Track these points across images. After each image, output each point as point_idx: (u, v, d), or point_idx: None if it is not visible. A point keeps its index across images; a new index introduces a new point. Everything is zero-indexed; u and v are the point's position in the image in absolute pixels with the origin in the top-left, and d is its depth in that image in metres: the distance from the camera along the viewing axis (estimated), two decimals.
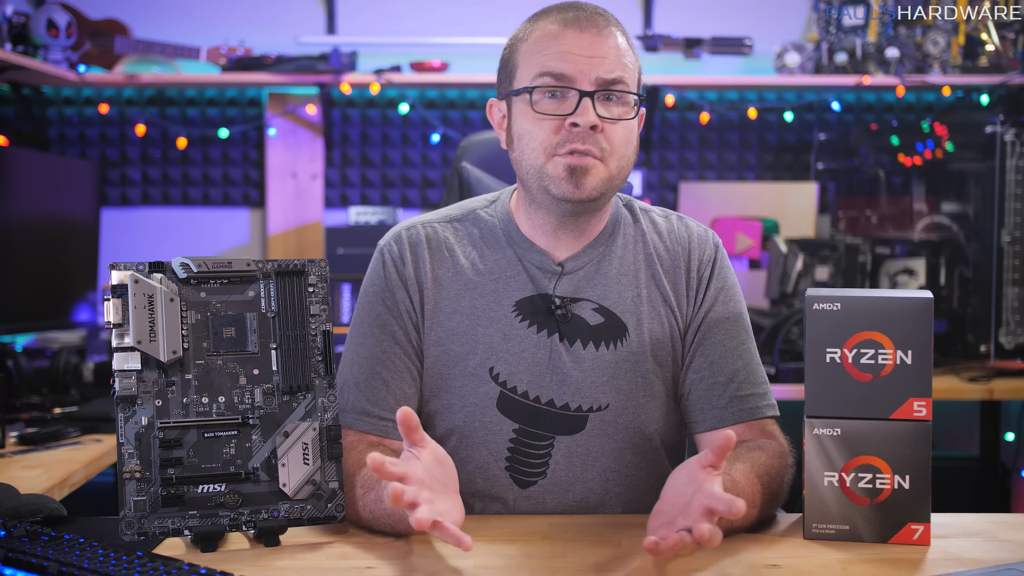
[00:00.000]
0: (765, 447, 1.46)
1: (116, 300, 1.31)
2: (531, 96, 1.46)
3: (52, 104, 3.60)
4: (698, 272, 1.56)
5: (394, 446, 1.50)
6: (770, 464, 1.43)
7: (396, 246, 1.56)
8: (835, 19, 3.50)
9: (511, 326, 1.52)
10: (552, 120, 1.45)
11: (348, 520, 1.41)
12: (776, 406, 1.54)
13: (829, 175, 3.62)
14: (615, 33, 1.48)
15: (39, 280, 2.91)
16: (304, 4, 3.66)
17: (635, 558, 1.28)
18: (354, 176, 3.68)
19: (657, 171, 3.71)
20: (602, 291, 1.54)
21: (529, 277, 1.53)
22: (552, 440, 1.51)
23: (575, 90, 1.44)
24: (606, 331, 1.52)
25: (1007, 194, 3.05)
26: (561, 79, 1.45)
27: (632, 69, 1.49)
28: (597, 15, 1.49)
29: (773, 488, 1.42)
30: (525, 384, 1.51)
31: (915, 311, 1.33)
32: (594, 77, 1.44)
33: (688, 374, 1.54)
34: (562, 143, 1.44)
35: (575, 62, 1.45)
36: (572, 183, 1.44)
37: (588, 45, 1.45)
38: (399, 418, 1.24)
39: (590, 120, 1.43)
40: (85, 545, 1.22)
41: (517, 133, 1.49)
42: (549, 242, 1.54)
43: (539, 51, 1.47)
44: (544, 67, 1.46)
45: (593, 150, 1.44)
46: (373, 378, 1.51)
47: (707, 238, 1.59)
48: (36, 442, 2.13)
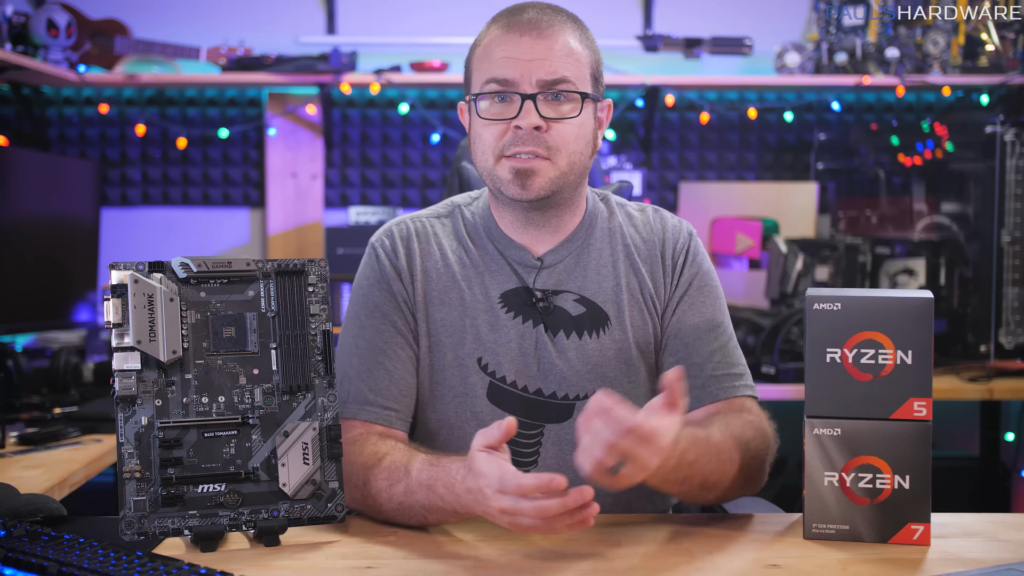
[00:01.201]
0: (741, 417, 1.49)
1: (116, 300, 1.31)
2: (477, 104, 1.51)
3: (52, 104, 3.60)
4: (672, 258, 1.59)
5: (398, 436, 1.51)
6: (743, 430, 1.45)
7: (388, 240, 1.59)
8: (835, 19, 3.50)
9: (497, 317, 1.54)
10: (498, 124, 1.50)
11: (359, 510, 1.41)
12: (754, 387, 1.57)
13: (829, 175, 3.62)
14: (560, 32, 1.50)
15: (39, 280, 2.91)
16: (304, 4, 3.66)
17: (635, 558, 1.28)
18: (354, 176, 3.68)
19: (657, 171, 3.70)
20: (582, 282, 1.57)
21: (512, 270, 1.57)
22: (541, 428, 1.53)
23: (517, 94, 1.48)
24: (588, 321, 1.55)
25: (1007, 194, 3.05)
26: (504, 84, 1.49)
27: (582, 65, 1.51)
28: (543, 15, 1.51)
29: (749, 452, 1.43)
30: (513, 374, 1.53)
31: (915, 311, 1.33)
32: (535, 80, 1.48)
33: (664, 357, 1.57)
34: (508, 145, 1.49)
35: (516, 66, 1.48)
36: (518, 184, 1.49)
37: (528, 48, 1.49)
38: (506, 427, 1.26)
39: (532, 122, 1.47)
40: (85, 545, 1.22)
41: (472, 137, 1.55)
42: (526, 237, 1.57)
43: (486, 57, 1.52)
44: (489, 74, 1.50)
45: (539, 150, 1.48)
46: (375, 368, 1.52)
47: (681, 227, 1.62)
48: (36, 442, 2.13)
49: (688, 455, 1.33)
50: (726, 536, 1.38)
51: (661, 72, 3.54)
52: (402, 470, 1.38)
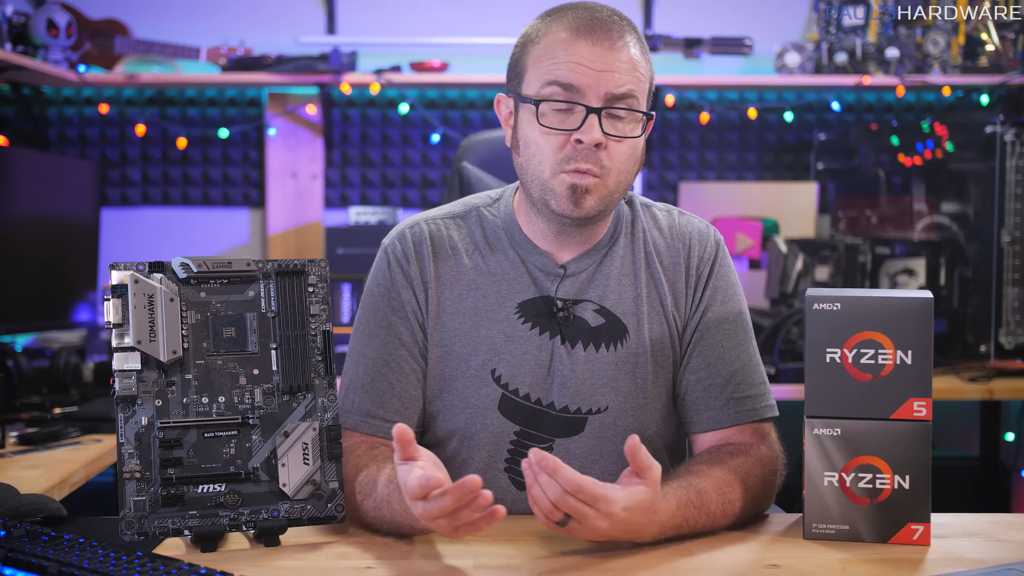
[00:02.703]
0: (750, 453, 1.46)
1: (116, 300, 1.31)
2: (537, 108, 1.44)
3: (52, 104, 3.60)
4: (697, 270, 1.55)
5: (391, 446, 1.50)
6: (750, 472, 1.43)
7: (400, 245, 1.55)
8: (835, 19, 3.50)
9: (513, 328, 1.51)
10: (558, 135, 1.43)
11: (349, 521, 1.41)
12: (775, 406, 1.54)
13: (829, 175, 3.62)
14: (629, 43, 1.45)
15: (39, 280, 2.91)
16: (304, 4, 3.66)
17: (634, 558, 1.28)
18: (354, 176, 3.68)
19: (657, 171, 3.71)
20: (603, 292, 1.53)
21: (532, 279, 1.53)
22: (551, 443, 1.51)
23: (582, 106, 1.42)
24: (607, 332, 1.52)
25: (1007, 194, 3.05)
26: (569, 90, 1.42)
27: (644, 80, 1.46)
28: (612, 22, 1.45)
29: (751, 495, 1.42)
30: (527, 386, 1.50)
31: (915, 311, 1.33)
32: (603, 92, 1.42)
33: (685, 375, 1.54)
34: (566, 159, 1.43)
35: (584, 74, 1.42)
36: (572, 201, 1.44)
37: (599, 57, 1.42)
38: (395, 434, 1.23)
39: (595, 138, 1.41)
40: (85, 545, 1.22)
41: (523, 140, 1.48)
42: (551, 245, 1.53)
43: (549, 58, 1.44)
44: (553, 76, 1.43)
45: (594, 168, 1.43)
46: (378, 380, 1.51)
47: (708, 235, 1.58)
48: (36, 442, 2.13)
49: (674, 520, 1.32)
50: (726, 536, 1.38)
51: (661, 72, 3.54)
52: (371, 484, 1.37)
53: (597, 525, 1.23)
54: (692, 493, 1.35)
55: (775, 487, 1.49)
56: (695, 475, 1.39)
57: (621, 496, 1.24)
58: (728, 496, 1.38)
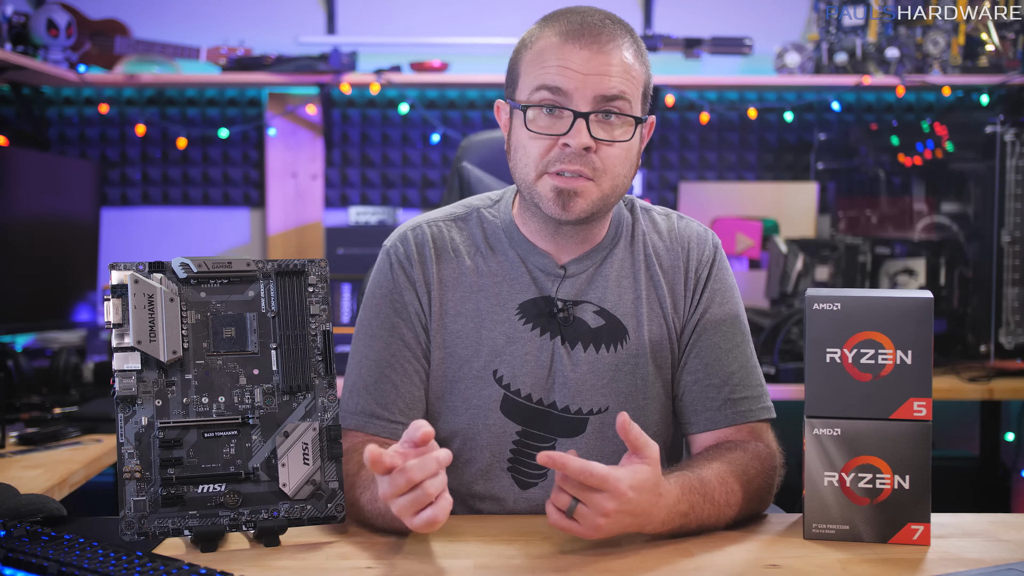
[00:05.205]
0: (747, 448, 1.47)
1: (116, 300, 1.31)
2: (525, 114, 1.45)
3: (52, 104, 3.60)
4: (696, 273, 1.56)
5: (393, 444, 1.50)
6: (748, 465, 1.44)
7: (403, 247, 1.55)
8: (835, 19, 3.50)
9: (515, 329, 1.52)
10: (545, 139, 1.44)
11: (351, 520, 1.41)
12: (771, 408, 1.55)
13: (829, 175, 3.62)
14: (622, 46, 1.45)
15: (39, 280, 2.91)
16: (304, 4, 3.66)
17: (634, 558, 1.28)
18: (354, 176, 3.68)
19: (657, 171, 3.71)
20: (603, 293, 1.54)
21: (532, 279, 1.53)
22: (553, 442, 1.52)
23: (569, 110, 1.42)
24: (607, 334, 1.52)
25: (1007, 194, 3.05)
26: (558, 94, 1.43)
27: (638, 82, 1.46)
28: (604, 26, 1.45)
29: (751, 488, 1.42)
30: (528, 387, 1.51)
31: (915, 311, 1.33)
32: (592, 95, 1.42)
33: (683, 376, 1.55)
34: (553, 162, 1.43)
35: (572, 78, 1.42)
36: (559, 204, 1.44)
37: (587, 61, 1.42)
38: (419, 438, 1.23)
39: (582, 142, 1.41)
40: (85, 545, 1.22)
41: (514, 144, 1.49)
42: (550, 245, 1.54)
43: (539, 63, 1.45)
44: (542, 81, 1.44)
45: (585, 171, 1.43)
46: (382, 381, 1.51)
47: (707, 238, 1.59)
48: (36, 442, 2.13)
49: (680, 506, 1.32)
50: (726, 536, 1.38)
51: (661, 72, 3.54)
52: (370, 478, 1.37)
53: (605, 506, 1.23)
54: (695, 480, 1.36)
55: (774, 484, 1.49)
56: (695, 467, 1.40)
57: (625, 475, 1.25)
58: (730, 485, 1.39)
